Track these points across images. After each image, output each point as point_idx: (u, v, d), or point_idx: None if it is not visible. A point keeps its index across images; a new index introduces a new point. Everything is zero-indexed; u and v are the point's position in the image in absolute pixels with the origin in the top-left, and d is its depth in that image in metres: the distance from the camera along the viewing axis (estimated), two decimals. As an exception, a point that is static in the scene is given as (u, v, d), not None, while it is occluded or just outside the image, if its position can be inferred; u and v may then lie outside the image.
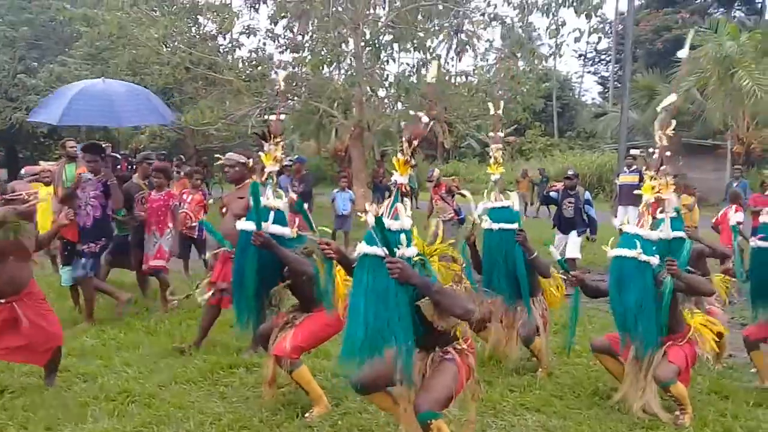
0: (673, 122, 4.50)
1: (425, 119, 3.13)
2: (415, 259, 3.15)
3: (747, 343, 4.95)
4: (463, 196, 5.80)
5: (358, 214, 5.02)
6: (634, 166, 12.62)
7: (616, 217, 11.29)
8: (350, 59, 16.77)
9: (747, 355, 5.16)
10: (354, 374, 3.53)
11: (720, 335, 4.72)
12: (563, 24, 15.34)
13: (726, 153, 19.79)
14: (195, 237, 8.62)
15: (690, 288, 4.24)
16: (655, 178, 4.27)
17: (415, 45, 16.91)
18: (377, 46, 16.37)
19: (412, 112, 3.31)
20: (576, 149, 31.16)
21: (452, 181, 13.25)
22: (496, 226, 5.10)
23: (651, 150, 4.42)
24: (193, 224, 8.45)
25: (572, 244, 9.16)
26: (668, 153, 4.34)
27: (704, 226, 9.56)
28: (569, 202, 9.31)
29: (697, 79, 19.50)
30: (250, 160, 5.22)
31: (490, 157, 5.30)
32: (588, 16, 14.88)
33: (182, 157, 17.01)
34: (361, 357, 3.05)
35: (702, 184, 15.41)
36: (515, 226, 5.08)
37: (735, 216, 8.09)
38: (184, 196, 8.45)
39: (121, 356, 5.35)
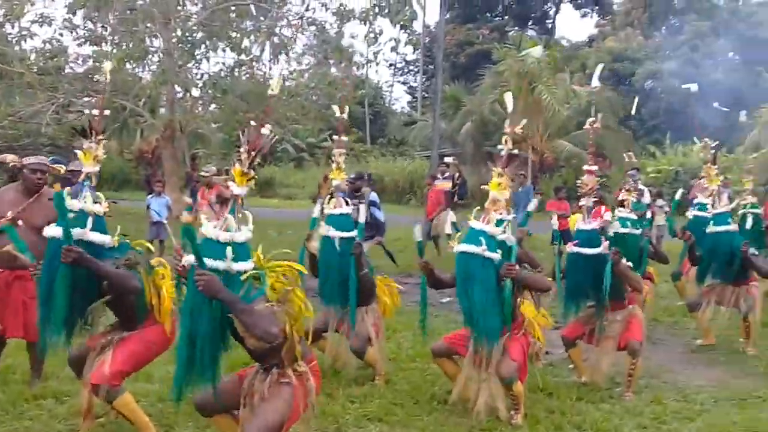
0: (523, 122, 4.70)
1: (266, 130, 3.04)
2: (249, 273, 3.04)
3: (565, 341, 5.25)
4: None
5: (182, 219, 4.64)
6: (447, 173, 13.21)
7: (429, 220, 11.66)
8: (160, 56, 15.82)
9: (562, 351, 5.52)
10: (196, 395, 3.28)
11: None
12: (380, 33, 15.70)
13: (527, 161, 21.46)
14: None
15: (529, 286, 4.42)
16: (501, 175, 4.35)
17: (231, 45, 16.39)
18: (190, 43, 15.61)
19: (253, 123, 3.25)
20: (388, 156, 32.10)
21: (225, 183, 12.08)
22: (334, 233, 4.96)
23: (500, 147, 4.51)
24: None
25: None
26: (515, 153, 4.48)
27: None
28: (354, 205, 9.08)
29: (499, 92, 20.95)
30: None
31: (333, 162, 5.17)
32: (403, 27, 15.37)
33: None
34: (189, 376, 2.98)
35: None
36: (353, 234, 4.97)
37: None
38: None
39: None
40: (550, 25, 42.88)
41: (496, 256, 4.20)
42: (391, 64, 45.85)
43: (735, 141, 23.28)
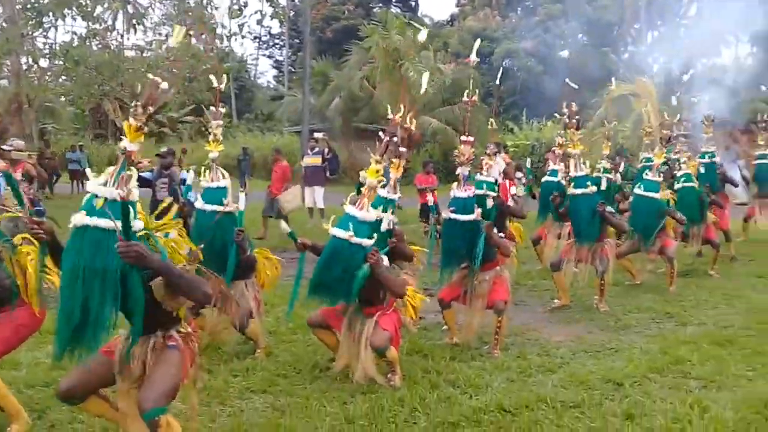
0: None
1: (164, 85, 2.88)
2: (141, 233, 2.90)
3: (441, 303, 5.52)
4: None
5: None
6: (317, 148, 13.22)
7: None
8: (2, 24, 14.55)
9: (434, 316, 5.80)
10: (61, 380, 3.15)
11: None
12: (245, 5, 15.34)
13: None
14: None
15: (385, 283, 4.47)
16: (379, 162, 4.46)
17: (82, 13, 15.35)
18: (37, 10, 14.46)
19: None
20: (255, 131, 31.54)
21: (30, 161, 10.19)
22: (208, 207, 4.88)
23: (381, 134, 4.62)
24: None
25: None
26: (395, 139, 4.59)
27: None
28: (163, 183, 8.63)
29: (369, 69, 21.18)
30: None
31: (209, 134, 5.05)
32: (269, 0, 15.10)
33: None
34: (76, 349, 2.80)
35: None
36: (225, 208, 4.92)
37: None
38: None
39: None
40: (413, 3, 43.67)
41: (367, 242, 4.28)
42: (256, 37, 44.90)
43: (584, 117, 25.00)
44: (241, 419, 3.94)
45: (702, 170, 8.93)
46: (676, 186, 8.19)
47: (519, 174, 12.78)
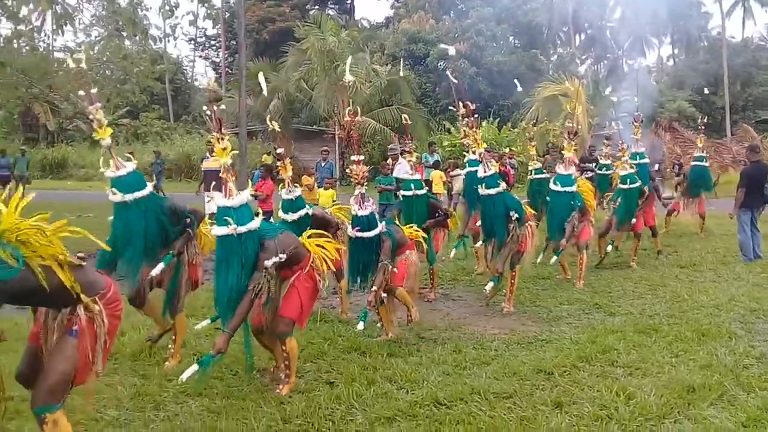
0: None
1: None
2: None
3: (372, 303, 5.54)
4: None
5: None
6: None
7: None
8: None
9: (373, 314, 5.84)
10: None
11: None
12: (177, 5, 15.08)
13: (334, 138, 21.95)
14: None
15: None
16: (221, 140, 4.30)
17: (6, 13, 14.78)
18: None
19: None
20: (194, 133, 31.00)
21: None
22: (119, 197, 4.55)
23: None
24: None
25: None
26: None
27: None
28: None
29: (305, 70, 21.12)
30: None
31: (93, 121, 4.65)
32: (201, 1, 14.90)
33: None
34: None
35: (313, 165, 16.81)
36: (144, 192, 4.60)
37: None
38: None
39: None
40: (349, 5, 43.73)
41: (253, 224, 4.14)
42: (191, 39, 44.13)
43: (518, 116, 25.59)
44: (176, 423, 3.91)
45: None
46: (621, 186, 8.58)
47: (458, 171, 13.05)
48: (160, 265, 4.71)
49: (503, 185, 6.49)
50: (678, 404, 4.18)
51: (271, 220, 7.37)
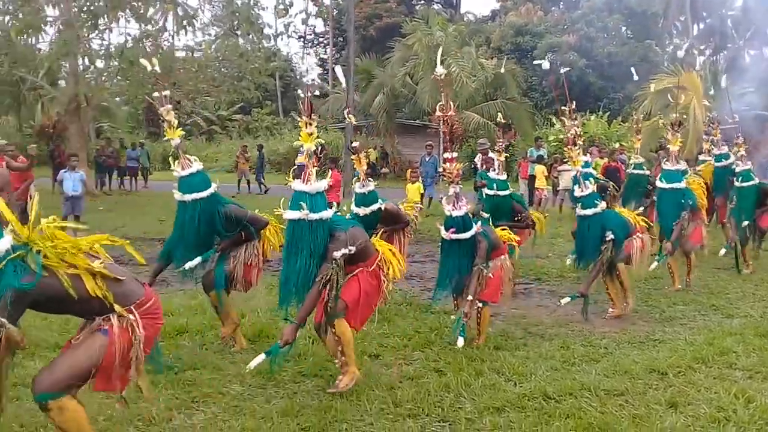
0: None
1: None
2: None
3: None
4: None
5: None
6: None
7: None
8: (59, 26, 15.13)
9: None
10: None
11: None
12: (291, 4, 15.64)
13: (438, 132, 22.00)
14: None
15: None
16: (310, 125, 4.29)
17: (134, 15, 15.87)
18: (92, 13, 15.01)
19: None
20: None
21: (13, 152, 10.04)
22: (178, 196, 4.80)
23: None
24: None
25: None
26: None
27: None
28: None
29: (412, 65, 21.34)
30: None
31: (164, 122, 4.92)
32: (313, -1, 15.35)
33: None
34: None
35: (416, 160, 17.09)
36: (203, 194, 4.78)
37: None
38: None
39: None
40: (455, 0, 43.56)
41: (326, 213, 4.07)
42: (300, 36, 45.41)
43: (629, 110, 24.63)
44: (295, 401, 4.14)
45: None
46: (737, 184, 8.14)
47: (565, 166, 12.85)
48: (197, 259, 4.90)
49: (602, 205, 6.04)
50: (802, 410, 4.01)
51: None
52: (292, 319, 4.08)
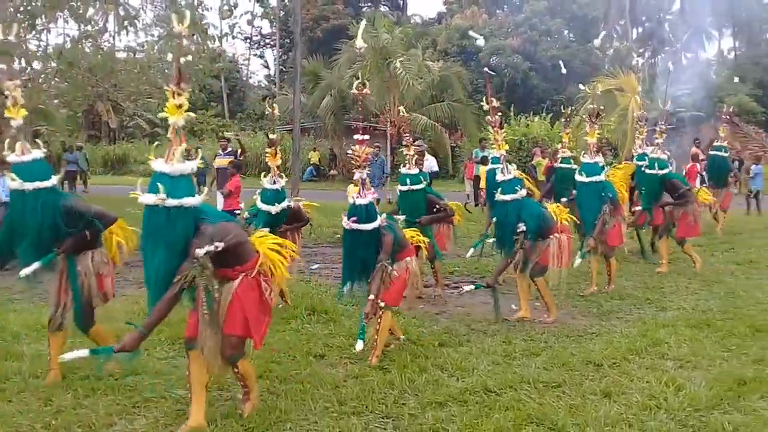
0: None
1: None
2: None
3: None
4: None
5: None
6: (229, 149, 12.78)
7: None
8: (-7, 26, 14.64)
9: (424, 306, 6.02)
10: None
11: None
12: (236, 5, 15.49)
13: (386, 134, 22.18)
14: None
15: None
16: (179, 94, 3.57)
17: (74, 15, 15.44)
18: (29, 13, 14.55)
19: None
20: (248, 130, 31.71)
21: None
22: (17, 184, 4.11)
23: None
24: None
25: None
26: None
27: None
28: None
29: (359, 67, 21.35)
30: None
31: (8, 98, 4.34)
32: (259, 0, 15.28)
33: None
34: None
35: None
36: (46, 184, 4.15)
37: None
38: None
39: None
40: (401, 2, 43.88)
41: (189, 200, 3.50)
42: (246, 38, 45.00)
43: (573, 112, 25.18)
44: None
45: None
46: (647, 171, 8.37)
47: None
48: (35, 264, 4.20)
49: (522, 192, 5.89)
50: (728, 396, 4.21)
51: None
52: (137, 325, 3.58)
